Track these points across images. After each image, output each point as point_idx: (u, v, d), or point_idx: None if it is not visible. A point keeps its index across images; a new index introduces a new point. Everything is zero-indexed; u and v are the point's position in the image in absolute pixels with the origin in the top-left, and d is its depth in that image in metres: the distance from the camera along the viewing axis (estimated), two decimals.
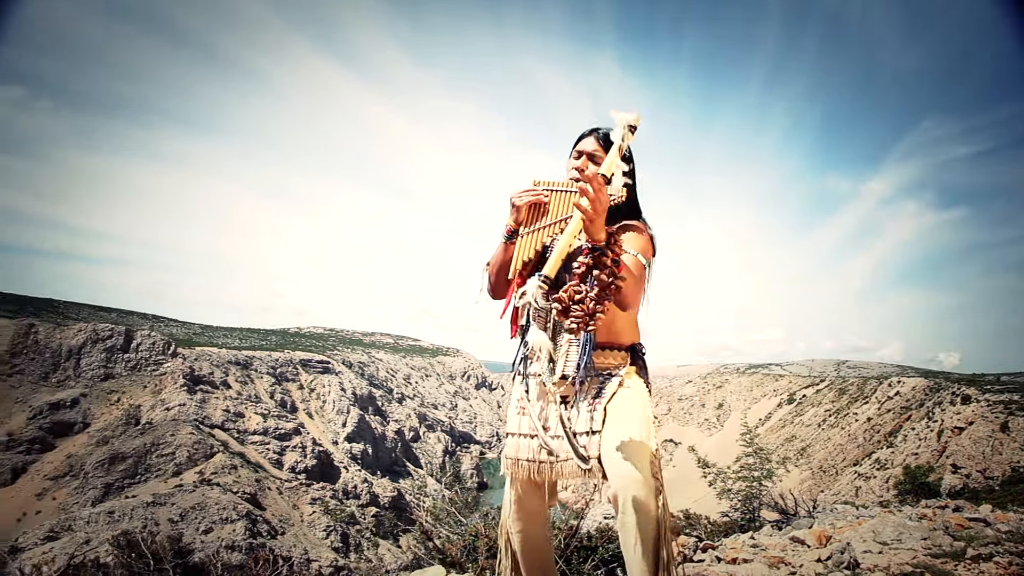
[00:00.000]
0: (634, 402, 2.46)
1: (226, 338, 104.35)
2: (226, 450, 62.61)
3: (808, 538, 4.73)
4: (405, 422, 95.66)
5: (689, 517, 10.13)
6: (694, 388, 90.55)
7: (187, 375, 72.01)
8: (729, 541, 5.19)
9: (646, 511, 2.19)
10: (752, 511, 9.67)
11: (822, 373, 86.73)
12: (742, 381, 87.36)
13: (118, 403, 67.99)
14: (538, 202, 2.56)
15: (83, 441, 62.19)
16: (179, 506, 51.10)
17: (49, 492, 56.46)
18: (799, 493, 18.71)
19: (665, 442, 75.55)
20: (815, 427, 66.93)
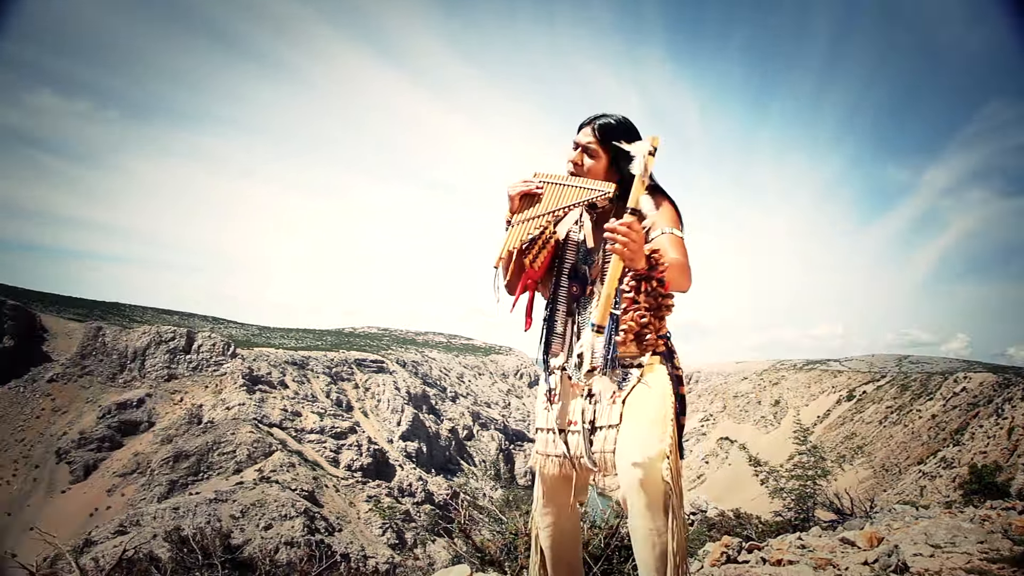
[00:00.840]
0: (652, 396, 2.35)
1: (283, 339, 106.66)
2: (284, 448, 63.97)
3: (859, 539, 4.58)
4: (459, 420, 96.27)
5: (740, 516, 9.93)
6: (750, 385, 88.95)
7: (246, 375, 73.80)
8: (776, 542, 5.05)
9: (655, 514, 2.12)
10: (806, 511, 9.42)
11: (883, 369, 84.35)
12: (799, 377, 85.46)
13: (181, 403, 70.10)
14: (531, 193, 2.56)
15: (149, 439, 64.31)
16: (240, 503, 52.40)
17: (118, 489, 58.55)
18: (859, 492, 18.18)
19: (720, 440, 74.51)
20: (876, 424, 65.14)
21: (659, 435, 2.23)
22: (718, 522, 8.90)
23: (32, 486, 58.74)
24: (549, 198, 2.55)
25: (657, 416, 2.30)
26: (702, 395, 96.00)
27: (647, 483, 2.12)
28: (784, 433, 71.05)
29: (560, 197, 2.53)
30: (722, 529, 8.05)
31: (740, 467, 64.18)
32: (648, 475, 2.13)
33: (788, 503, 10.82)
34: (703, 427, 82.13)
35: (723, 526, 8.28)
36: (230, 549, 5.55)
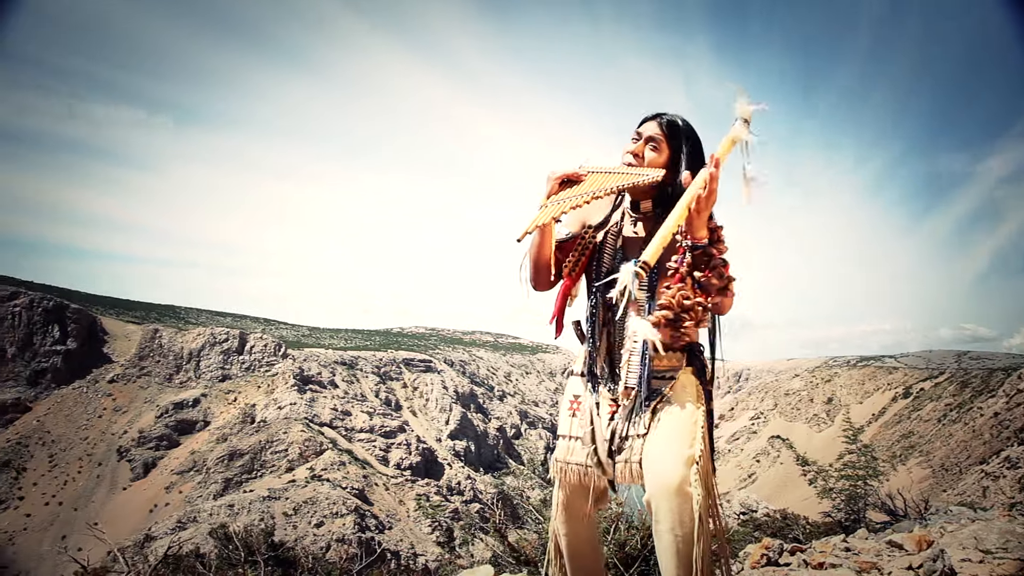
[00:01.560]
0: (683, 406, 2.31)
1: (332, 339, 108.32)
2: (335, 447, 64.93)
3: (906, 543, 4.43)
4: (507, 419, 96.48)
5: (787, 517, 9.72)
6: (801, 382, 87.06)
7: (297, 375, 75.12)
8: (819, 544, 4.93)
9: (680, 521, 2.06)
10: (856, 512, 9.16)
11: (941, 365, 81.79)
12: (852, 375, 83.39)
13: (235, 402, 71.74)
14: (573, 178, 2.41)
15: (204, 438, 65.99)
16: (292, 500, 53.35)
17: (176, 486, 60.20)
18: (916, 493, 17.64)
19: (772, 438, 73.12)
20: (934, 423, 63.19)
21: (688, 442, 2.18)
22: (764, 522, 8.74)
23: (96, 483, 60.79)
24: (591, 183, 2.39)
25: (687, 424, 2.23)
26: (752, 393, 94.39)
27: (674, 489, 2.08)
28: (838, 431, 69.45)
29: (601, 183, 2.37)
30: (768, 530, 7.91)
31: (791, 466, 62.90)
32: (675, 481, 2.09)
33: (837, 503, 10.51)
34: (753, 425, 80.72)
35: (769, 527, 8.13)
36: (274, 546, 5.67)
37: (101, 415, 67.72)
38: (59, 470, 61.11)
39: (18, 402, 66.68)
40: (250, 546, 5.51)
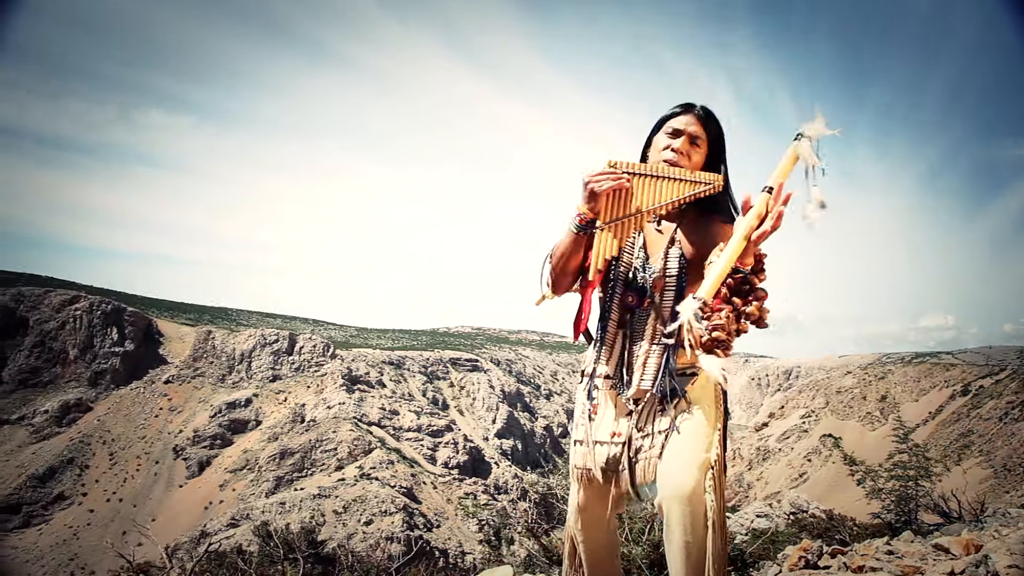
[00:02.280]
0: (702, 408, 2.22)
1: (380, 339, 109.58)
2: (383, 446, 65.63)
3: (953, 546, 4.22)
4: (553, 418, 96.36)
5: (832, 518, 9.46)
6: (853, 380, 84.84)
7: (345, 375, 76.14)
8: (861, 546, 4.74)
9: (692, 527, 2.01)
10: (907, 513, 8.84)
11: (1002, 361, 78.85)
12: (907, 372, 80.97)
13: (285, 402, 73.05)
14: (620, 187, 2.17)
15: (256, 437, 67.34)
16: (342, 499, 54.07)
17: (229, 484, 61.55)
18: (974, 494, 17.02)
19: (823, 437, 71.46)
20: (995, 421, 60.97)
21: (704, 446, 2.11)
22: (810, 523, 8.51)
23: (153, 480, 62.53)
24: (643, 193, 2.19)
25: (704, 427, 2.15)
26: (803, 391, 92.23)
27: (687, 495, 2.02)
28: (891, 430, 67.49)
29: (657, 191, 2.18)
30: (814, 531, 7.69)
31: (843, 466, 61.37)
32: (688, 487, 2.03)
33: (887, 504, 10.17)
34: (804, 424, 78.85)
35: (815, 528, 7.91)
36: (314, 544, 5.70)
37: (158, 415, 69.68)
38: (119, 468, 63.04)
39: (80, 402, 68.97)
40: (290, 544, 5.56)
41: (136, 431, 67.33)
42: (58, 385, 70.38)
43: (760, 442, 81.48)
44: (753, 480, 74.99)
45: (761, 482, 73.09)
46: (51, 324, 73.19)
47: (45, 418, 66.18)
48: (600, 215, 2.19)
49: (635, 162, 2.26)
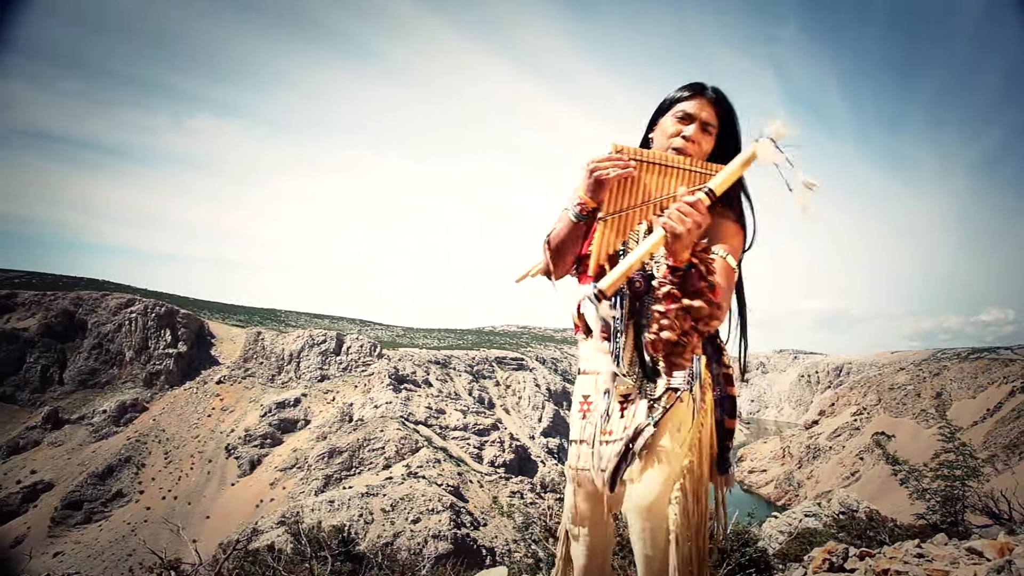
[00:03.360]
0: (679, 406, 2.04)
1: (426, 339, 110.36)
2: (430, 445, 66.01)
3: (987, 549, 3.97)
4: None
5: (872, 519, 9.07)
6: (907, 376, 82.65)
7: (392, 375, 76.83)
8: (890, 549, 4.50)
9: (651, 539, 1.91)
10: (953, 514, 8.44)
11: None
12: (964, 368, 78.42)
13: (333, 401, 74.03)
14: (627, 176, 1.99)
15: (305, 436, 68.36)
16: (390, 497, 54.49)
17: (279, 482, 62.59)
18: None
19: (876, 435, 69.71)
20: None
21: (679, 449, 1.97)
22: (848, 524, 8.18)
23: (206, 478, 63.93)
24: (650, 183, 2.01)
25: (679, 427, 1.99)
26: (854, 388, 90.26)
27: (646, 506, 1.92)
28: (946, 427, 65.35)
29: (665, 182, 2.00)
30: (853, 532, 7.38)
31: (887, 465, 59.88)
32: (647, 500, 1.93)
33: (932, 505, 9.75)
34: (856, 421, 77.16)
35: (854, 529, 7.59)
36: (344, 543, 5.63)
37: (210, 414, 71.27)
38: (173, 466, 64.61)
39: (136, 402, 70.93)
40: (320, 542, 5.49)
41: (189, 430, 68.98)
42: (115, 386, 72.52)
43: (810, 440, 79.94)
44: (803, 479, 73.56)
45: (812, 481, 71.67)
46: (108, 327, 75.42)
47: (104, 418, 68.23)
48: (603, 205, 2.02)
49: (642, 149, 2.07)
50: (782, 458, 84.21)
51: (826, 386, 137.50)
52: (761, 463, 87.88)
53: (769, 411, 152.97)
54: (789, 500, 67.99)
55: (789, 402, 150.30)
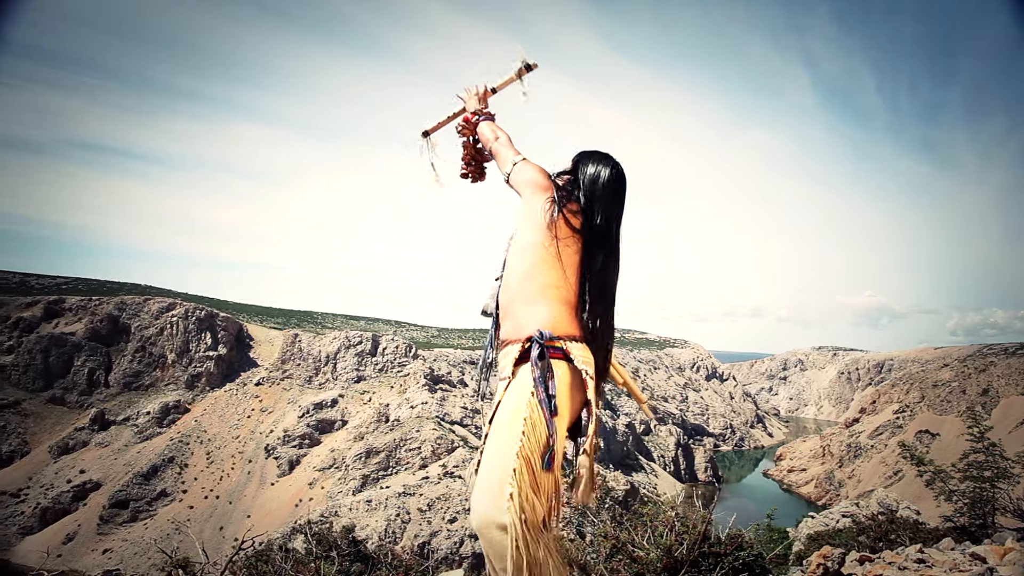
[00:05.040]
0: (506, 408, 2.10)
1: (460, 339, 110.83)
2: (466, 445, 66.24)
3: (990, 555, 4.00)
4: (635, 415, 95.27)
5: (893, 521, 9.01)
6: (951, 373, 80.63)
7: (428, 375, 77.27)
8: (890, 554, 4.54)
9: (498, 555, 1.91)
10: (983, 516, 8.28)
11: None
12: (1012, 363, 76.19)
13: (370, 402, 74.74)
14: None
15: (343, 436, 69.14)
16: (426, 496, 54.86)
17: (318, 482, 63.42)
18: None
19: (919, 433, 68.29)
20: None
21: (507, 453, 1.98)
22: (868, 526, 8.16)
23: (247, 478, 65.05)
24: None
25: (506, 430, 2.01)
26: (896, 385, 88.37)
27: (485, 523, 1.93)
28: (996, 425, 63.56)
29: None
30: (872, 535, 7.37)
31: (943, 464, 58.41)
32: (486, 516, 1.93)
33: (959, 507, 9.55)
34: (898, 419, 75.61)
35: (873, 531, 7.57)
36: (355, 542, 5.84)
37: (250, 415, 72.50)
38: (215, 466, 65.88)
39: (179, 404, 72.46)
40: (329, 542, 5.72)
41: (230, 431, 70.26)
42: (158, 388, 74.20)
43: (851, 438, 78.59)
44: (844, 478, 72.43)
45: (853, 480, 70.54)
46: (151, 330, 77.17)
47: (148, 419, 69.83)
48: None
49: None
50: (822, 457, 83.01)
51: (867, 383, 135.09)
52: (800, 462, 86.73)
53: (808, 409, 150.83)
54: (830, 500, 67.00)
55: (828, 400, 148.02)
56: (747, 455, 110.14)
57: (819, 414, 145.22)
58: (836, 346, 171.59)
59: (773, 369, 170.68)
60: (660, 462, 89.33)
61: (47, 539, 56.65)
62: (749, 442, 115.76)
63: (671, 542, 4.17)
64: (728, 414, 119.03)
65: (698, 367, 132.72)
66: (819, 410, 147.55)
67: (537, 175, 2.41)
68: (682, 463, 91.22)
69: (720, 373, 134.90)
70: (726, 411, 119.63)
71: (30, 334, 72.47)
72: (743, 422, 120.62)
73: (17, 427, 66.50)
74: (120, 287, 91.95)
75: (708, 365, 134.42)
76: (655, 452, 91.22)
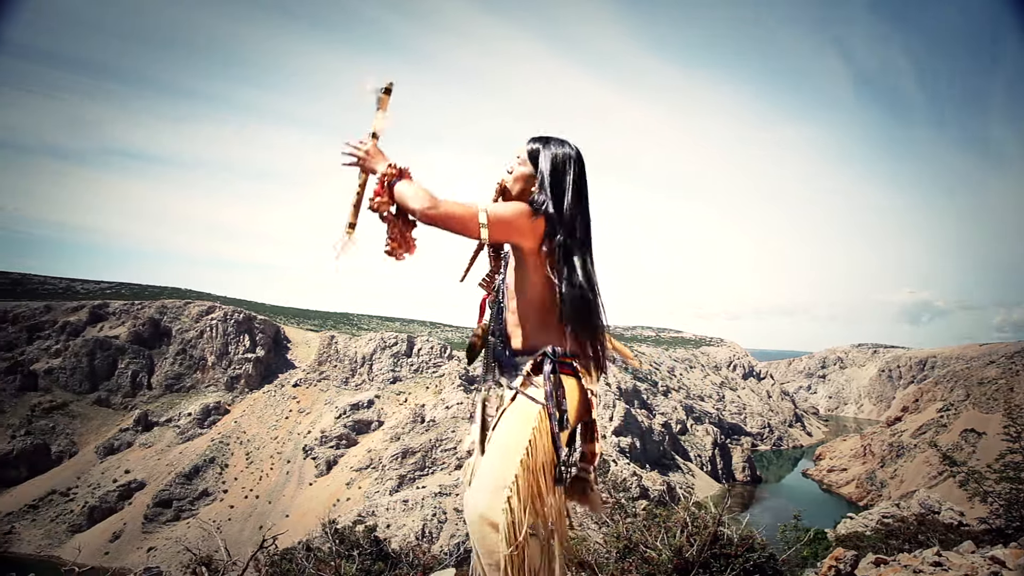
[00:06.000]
0: (512, 419, 2.17)
1: None
2: None
3: (1008, 558, 3.93)
4: (671, 415, 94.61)
5: (923, 523, 8.82)
6: (998, 370, 78.74)
7: (462, 375, 77.55)
8: (905, 557, 4.48)
9: (487, 551, 2.02)
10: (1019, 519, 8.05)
11: None
12: None
13: (405, 403, 75.26)
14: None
15: (379, 437, 69.72)
16: (463, 497, 55.14)
17: (355, 482, 64.04)
18: None
19: (964, 432, 66.73)
20: None
21: (509, 461, 2.09)
22: (897, 528, 8.01)
23: (285, 478, 65.95)
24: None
25: (511, 440, 2.11)
26: (939, 383, 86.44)
27: (477, 518, 2.04)
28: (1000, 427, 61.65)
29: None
30: (901, 537, 7.22)
31: (988, 463, 56.92)
32: (478, 510, 2.04)
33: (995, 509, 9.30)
34: (942, 418, 73.96)
35: (901, 533, 7.42)
36: (376, 542, 5.92)
37: (288, 416, 73.49)
38: (255, 467, 66.91)
39: (219, 405, 73.74)
40: (352, 541, 5.81)
41: (269, 432, 71.30)
42: (199, 389, 75.61)
43: (893, 437, 77.10)
44: (887, 478, 71.10)
45: (896, 480, 69.20)
46: (191, 333, 78.67)
47: (189, 420, 71.19)
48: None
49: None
50: (863, 456, 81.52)
51: (908, 381, 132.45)
52: (841, 461, 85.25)
53: (848, 408, 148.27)
54: (872, 500, 65.76)
55: (869, 398, 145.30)
56: (785, 455, 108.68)
57: (859, 413, 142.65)
58: (876, 343, 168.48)
59: (811, 367, 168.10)
60: (697, 462, 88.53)
61: (95, 537, 58.20)
62: (787, 441, 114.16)
63: (682, 543, 4.18)
64: (766, 413, 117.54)
65: (735, 366, 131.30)
66: (859, 409, 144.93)
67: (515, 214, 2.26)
68: (719, 463, 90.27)
69: (757, 372, 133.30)
70: (764, 410, 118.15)
71: (76, 338, 74.41)
72: (781, 421, 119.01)
73: (65, 428, 68.29)
74: (161, 291, 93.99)
75: (745, 363, 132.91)
76: (692, 452, 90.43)
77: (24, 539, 57.84)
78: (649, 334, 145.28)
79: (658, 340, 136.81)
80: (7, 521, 59.27)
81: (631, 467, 74.38)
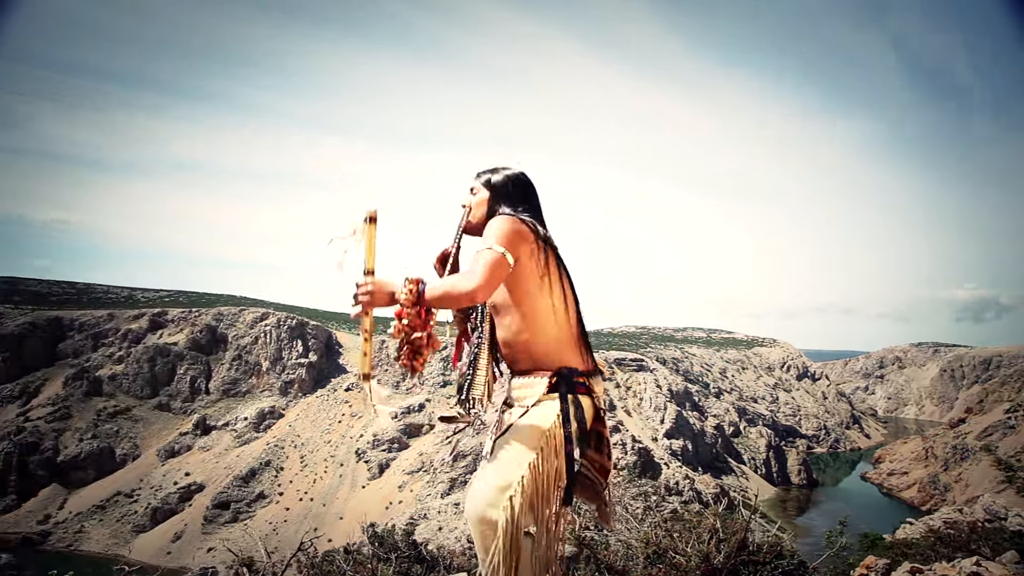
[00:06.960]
0: (522, 432, 2.19)
1: None
2: None
3: None
4: (724, 417, 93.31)
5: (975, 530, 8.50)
6: None
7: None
8: (941, 566, 4.35)
9: (484, 547, 2.08)
10: None
11: None
12: None
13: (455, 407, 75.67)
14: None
15: (430, 440, 70.27)
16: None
17: (407, 485, 64.65)
18: None
19: None
20: None
21: (513, 470, 2.17)
22: (947, 536, 7.72)
23: (339, 481, 66.95)
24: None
25: (518, 451, 2.18)
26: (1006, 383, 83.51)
27: (477, 516, 2.11)
28: None
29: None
30: (951, 544, 6.97)
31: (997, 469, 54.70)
32: (479, 507, 2.11)
33: None
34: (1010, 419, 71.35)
35: (953, 541, 7.15)
36: (414, 545, 6.01)
37: (340, 420, 74.62)
38: (309, 470, 68.10)
39: (273, 410, 75.29)
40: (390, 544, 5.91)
41: (322, 436, 72.50)
42: (254, 394, 77.33)
43: (956, 440, 74.63)
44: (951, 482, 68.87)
45: (960, 484, 66.98)
46: (246, 339, 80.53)
47: (245, 424, 72.84)
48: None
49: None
50: (925, 459, 79.17)
51: (972, 381, 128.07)
52: (901, 465, 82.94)
53: (908, 409, 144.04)
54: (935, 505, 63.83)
55: (930, 399, 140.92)
56: (843, 457, 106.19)
57: (920, 414, 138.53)
58: (937, 342, 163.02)
59: (868, 367, 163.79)
60: (751, 464, 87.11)
61: (158, 537, 60.04)
62: (845, 444, 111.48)
63: (710, 549, 4.15)
64: (821, 415, 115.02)
65: (788, 366, 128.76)
66: (920, 410, 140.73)
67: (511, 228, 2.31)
68: (774, 465, 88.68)
69: (812, 372, 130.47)
70: (819, 412, 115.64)
71: (137, 344, 76.86)
72: (838, 423, 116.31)
73: (129, 432, 70.56)
74: (217, 298, 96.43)
75: (799, 364, 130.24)
76: (745, 454, 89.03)
77: (93, 538, 60.05)
78: (700, 335, 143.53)
79: (709, 341, 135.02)
80: (77, 521, 61.61)
81: (683, 470, 73.60)
